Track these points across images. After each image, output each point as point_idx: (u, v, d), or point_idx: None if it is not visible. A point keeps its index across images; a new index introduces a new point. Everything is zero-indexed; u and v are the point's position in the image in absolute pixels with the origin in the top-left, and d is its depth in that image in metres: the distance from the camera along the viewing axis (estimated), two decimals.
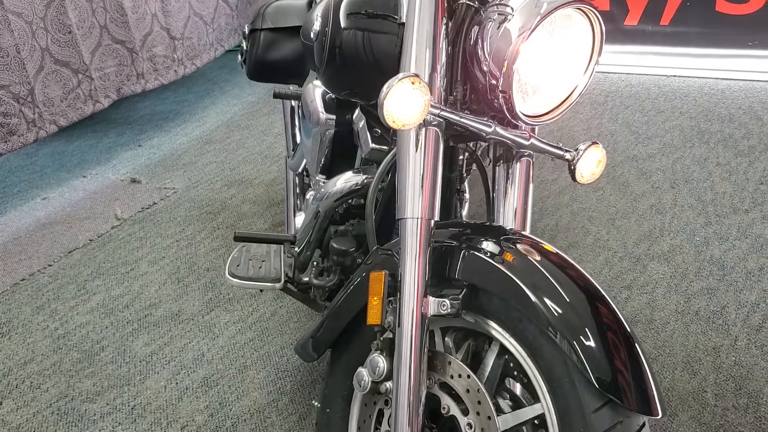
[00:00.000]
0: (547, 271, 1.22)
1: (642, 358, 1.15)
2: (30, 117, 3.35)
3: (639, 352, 1.15)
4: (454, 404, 1.28)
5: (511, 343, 1.26)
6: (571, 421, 1.14)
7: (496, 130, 1.36)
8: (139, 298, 2.56)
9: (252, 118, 4.31)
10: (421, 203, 1.30)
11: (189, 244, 2.89)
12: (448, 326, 1.41)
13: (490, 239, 1.32)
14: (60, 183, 3.63)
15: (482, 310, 1.30)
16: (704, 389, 1.92)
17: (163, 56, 4.09)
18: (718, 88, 3.95)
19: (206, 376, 2.14)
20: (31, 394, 2.13)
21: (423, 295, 1.28)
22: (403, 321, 1.28)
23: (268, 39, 2.61)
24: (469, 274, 1.29)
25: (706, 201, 2.82)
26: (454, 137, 1.48)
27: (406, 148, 1.32)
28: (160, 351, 2.26)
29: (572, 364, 1.14)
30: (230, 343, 2.27)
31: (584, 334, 1.14)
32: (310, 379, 2.09)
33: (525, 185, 1.53)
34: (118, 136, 4.21)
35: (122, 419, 2.00)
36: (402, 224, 1.31)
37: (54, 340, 2.37)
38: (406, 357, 1.27)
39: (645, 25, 4.45)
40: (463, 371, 1.28)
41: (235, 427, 1.94)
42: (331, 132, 1.90)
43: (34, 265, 2.85)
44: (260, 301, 2.47)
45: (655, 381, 1.14)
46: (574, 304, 1.17)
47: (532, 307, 1.18)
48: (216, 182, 3.46)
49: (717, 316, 2.18)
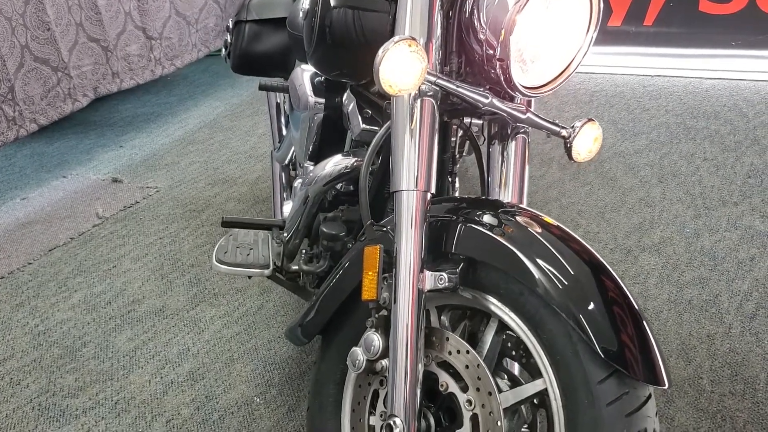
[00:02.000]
0: (548, 242, 1.19)
1: (647, 329, 1.12)
2: (10, 115, 3.28)
3: (644, 324, 1.12)
4: (453, 381, 1.24)
5: (511, 318, 1.22)
6: (574, 394, 1.11)
7: (492, 102, 1.33)
8: (122, 294, 2.50)
9: (236, 119, 4.26)
10: (417, 175, 1.26)
11: (173, 241, 2.84)
12: (445, 304, 1.37)
13: (488, 212, 1.28)
14: (40, 183, 3.56)
15: (480, 285, 1.26)
16: (700, 376, 1.89)
17: (138, 55, 4.04)
18: (702, 87, 3.97)
19: (192, 370, 2.08)
20: (10, 390, 2.06)
21: (419, 270, 1.25)
22: (399, 296, 1.24)
23: (252, 31, 2.58)
24: (467, 247, 1.26)
25: (695, 194, 2.81)
26: (449, 112, 1.45)
27: (401, 119, 1.29)
28: (144, 346, 2.20)
29: (576, 335, 1.11)
30: (216, 337, 2.22)
31: (588, 305, 1.11)
32: (299, 372, 2.03)
33: (521, 162, 1.50)
34: (98, 137, 4.14)
35: (105, 414, 1.94)
36: (397, 197, 1.27)
37: (34, 337, 2.30)
38: (402, 333, 1.23)
39: (629, 25, 4.47)
40: (461, 347, 1.24)
41: (222, 420, 1.88)
42: (320, 116, 1.86)
43: (13, 264, 2.78)
44: (246, 295, 2.42)
45: (660, 352, 1.11)
46: (577, 275, 1.14)
47: (534, 279, 1.15)
48: (199, 181, 3.40)
49: (710, 305, 2.16)
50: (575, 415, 1.10)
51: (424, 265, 1.26)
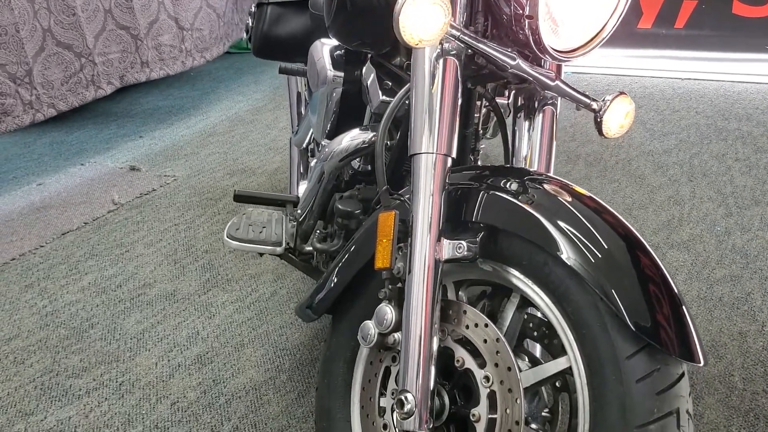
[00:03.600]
0: (578, 212, 1.10)
1: (683, 306, 1.03)
2: (27, 98, 3.26)
3: (680, 301, 1.03)
4: (470, 357, 1.16)
5: (534, 291, 1.14)
6: (601, 369, 1.02)
7: (519, 64, 1.26)
8: (133, 278, 2.44)
9: (257, 113, 4.22)
10: (437, 137, 1.19)
11: (188, 228, 2.78)
12: (463, 279, 1.30)
13: (513, 180, 1.21)
14: (57, 170, 3.53)
15: (502, 256, 1.18)
16: (731, 373, 1.79)
17: (170, 46, 4.01)
18: (734, 90, 3.86)
19: (200, 353, 2.01)
20: (14, 368, 2.01)
21: (437, 238, 1.17)
22: (414, 265, 1.17)
23: (275, 14, 2.52)
24: (489, 215, 1.18)
25: (726, 193, 2.70)
26: (473, 79, 1.38)
27: (422, 79, 1.22)
28: (152, 329, 2.14)
29: (604, 307, 1.03)
30: (227, 322, 2.15)
31: (618, 275, 1.03)
32: (310, 358, 1.96)
33: (549, 135, 1.43)
34: (119, 128, 4.12)
35: (109, 395, 1.88)
36: (415, 161, 1.20)
37: (41, 317, 2.25)
38: (417, 304, 1.16)
39: (659, 28, 4.38)
40: (480, 320, 1.17)
41: (229, 404, 1.81)
42: (339, 90, 1.80)
43: (25, 246, 2.74)
44: (260, 281, 2.35)
45: (696, 330, 1.02)
46: (608, 245, 1.06)
47: (559, 247, 1.07)
48: (218, 171, 3.35)
49: (742, 303, 2.05)
50: (601, 393, 1.02)
51: (442, 234, 1.18)
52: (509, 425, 1.08)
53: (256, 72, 5.14)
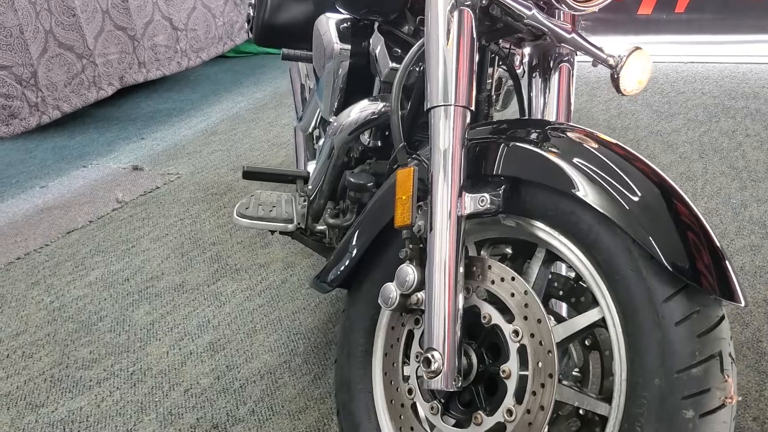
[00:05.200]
0: (606, 158, 1.06)
1: (720, 246, 0.99)
2: (33, 100, 3.23)
3: (716, 241, 0.99)
4: (497, 312, 1.12)
5: (561, 242, 1.10)
6: (637, 315, 0.98)
7: (535, 15, 1.22)
8: (140, 272, 2.40)
9: (258, 112, 4.18)
10: (454, 88, 1.15)
11: (193, 222, 2.74)
12: (484, 239, 1.26)
13: (534, 130, 1.17)
14: (60, 173, 3.49)
15: (525, 209, 1.14)
16: (759, 339, 1.75)
17: (165, 46, 3.98)
18: (738, 71, 3.83)
19: (212, 341, 1.97)
20: (22, 362, 1.97)
21: (458, 194, 1.13)
22: (436, 222, 1.13)
23: (276, 1, 2.49)
24: (510, 166, 1.14)
25: (739, 168, 2.66)
26: (487, 35, 1.34)
27: (436, 31, 1.18)
28: (162, 319, 2.10)
29: (638, 251, 0.99)
30: (238, 309, 2.11)
31: (652, 217, 0.99)
32: (324, 341, 1.92)
33: (567, 92, 1.39)
34: (120, 131, 4.08)
35: (120, 384, 1.83)
36: (434, 114, 1.16)
37: (49, 313, 2.21)
38: (440, 260, 1.12)
39: (659, 13, 4.35)
40: (506, 274, 1.12)
41: (243, 388, 1.77)
42: (346, 64, 1.76)
43: (30, 245, 2.70)
44: (269, 270, 2.31)
45: (735, 272, 0.98)
46: (640, 189, 1.01)
47: (588, 192, 1.02)
48: (221, 168, 3.32)
49: (764, 271, 2.01)
50: (638, 338, 0.97)
51: (463, 189, 1.14)
52: (542, 379, 1.04)
53: (255, 74, 5.12)
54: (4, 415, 1.76)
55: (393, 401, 1.25)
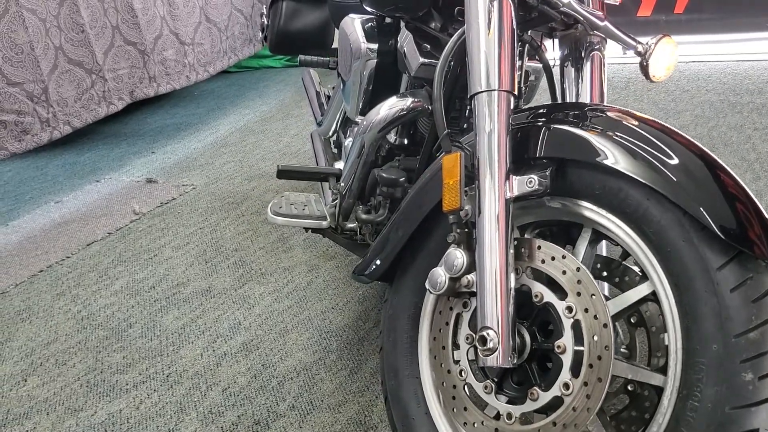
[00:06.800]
0: (649, 134, 1.10)
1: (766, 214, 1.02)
2: (44, 116, 3.25)
3: (762, 209, 1.02)
4: (548, 290, 1.15)
5: (609, 220, 1.13)
6: (690, 284, 1.01)
7: (571, 3, 1.26)
8: (165, 279, 2.42)
9: (266, 123, 4.22)
10: (498, 73, 1.18)
11: (213, 230, 2.77)
12: (527, 223, 1.29)
13: (573, 112, 1.20)
14: (73, 188, 3.51)
15: (571, 189, 1.17)
16: None
17: (174, 60, 4.02)
18: (741, 69, 3.89)
19: (245, 342, 1.99)
20: (56, 370, 1.98)
21: (505, 176, 1.16)
22: (485, 205, 1.16)
23: (290, 9, 2.54)
24: (555, 147, 1.17)
25: (751, 160, 2.71)
26: (520, 26, 1.38)
27: (477, 22, 1.21)
28: (192, 323, 2.12)
29: (689, 222, 1.02)
30: (267, 311, 2.13)
31: (701, 187, 1.02)
32: (357, 338, 1.94)
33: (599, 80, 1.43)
34: (129, 146, 4.11)
35: (157, 386, 1.85)
36: (477, 101, 1.20)
37: (77, 321, 2.22)
38: (491, 241, 1.14)
39: (659, 14, 4.40)
40: (556, 252, 1.15)
41: (281, 385, 1.79)
42: (373, 63, 1.80)
43: (51, 258, 2.72)
44: (294, 273, 2.33)
45: None
46: (685, 161, 1.05)
47: (636, 168, 1.05)
48: (235, 178, 3.35)
49: None
50: (693, 308, 1.00)
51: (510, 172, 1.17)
52: (598, 351, 1.07)
53: (258, 87, 5.16)
54: (45, 420, 1.78)
55: (444, 383, 1.27)
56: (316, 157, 2.43)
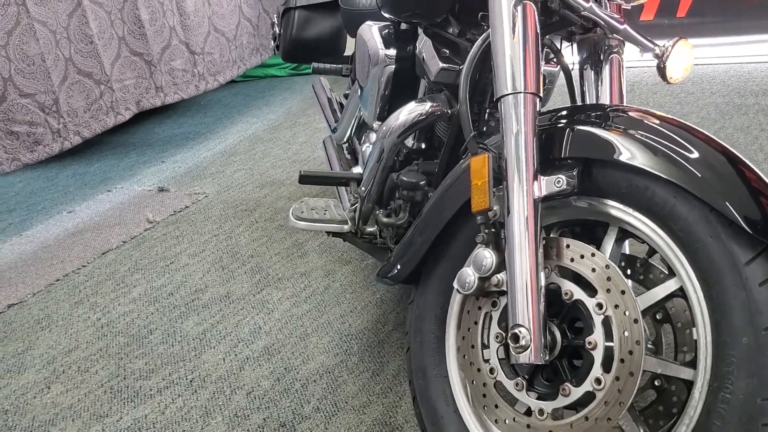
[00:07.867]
0: (672, 132, 1.13)
1: None
2: (55, 127, 3.28)
3: None
4: (578, 287, 1.17)
5: (636, 218, 1.15)
6: (719, 279, 1.03)
7: (592, 7, 1.29)
8: (183, 286, 2.44)
9: (274, 131, 4.25)
10: (523, 76, 1.21)
11: (228, 237, 2.79)
12: (552, 223, 1.31)
13: (596, 113, 1.23)
14: (85, 198, 3.54)
15: (598, 189, 1.20)
16: None
17: (182, 70, 4.05)
18: (744, 71, 3.92)
19: (266, 346, 2.01)
20: (79, 377, 2.00)
21: (533, 177, 1.19)
22: (514, 205, 1.18)
23: (302, 17, 2.57)
24: (580, 147, 1.20)
25: (759, 160, 2.73)
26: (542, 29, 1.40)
27: (501, 27, 1.24)
28: (213, 329, 2.14)
29: (716, 218, 1.04)
30: (287, 315, 2.15)
31: (726, 183, 1.05)
32: (377, 340, 1.96)
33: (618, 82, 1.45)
34: (139, 156, 4.14)
35: (181, 391, 1.87)
36: (504, 103, 1.22)
37: (97, 329, 2.24)
38: (520, 241, 1.17)
39: (661, 18, 4.44)
40: (585, 250, 1.18)
41: (305, 388, 1.81)
42: (391, 69, 1.82)
43: (67, 267, 2.74)
44: (311, 278, 2.35)
45: None
46: (708, 158, 1.08)
47: (662, 166, 1.08)
48: (247, 185, 3.37)
49: None
50: (722, 302, 1.02)
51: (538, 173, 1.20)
52: (629, 346, 1.09)
53: (265, 96, 5.19)
54: (70, 426, 1.79)
55: (474, 381, 1.29)
56: (330, 163, 2.46)
